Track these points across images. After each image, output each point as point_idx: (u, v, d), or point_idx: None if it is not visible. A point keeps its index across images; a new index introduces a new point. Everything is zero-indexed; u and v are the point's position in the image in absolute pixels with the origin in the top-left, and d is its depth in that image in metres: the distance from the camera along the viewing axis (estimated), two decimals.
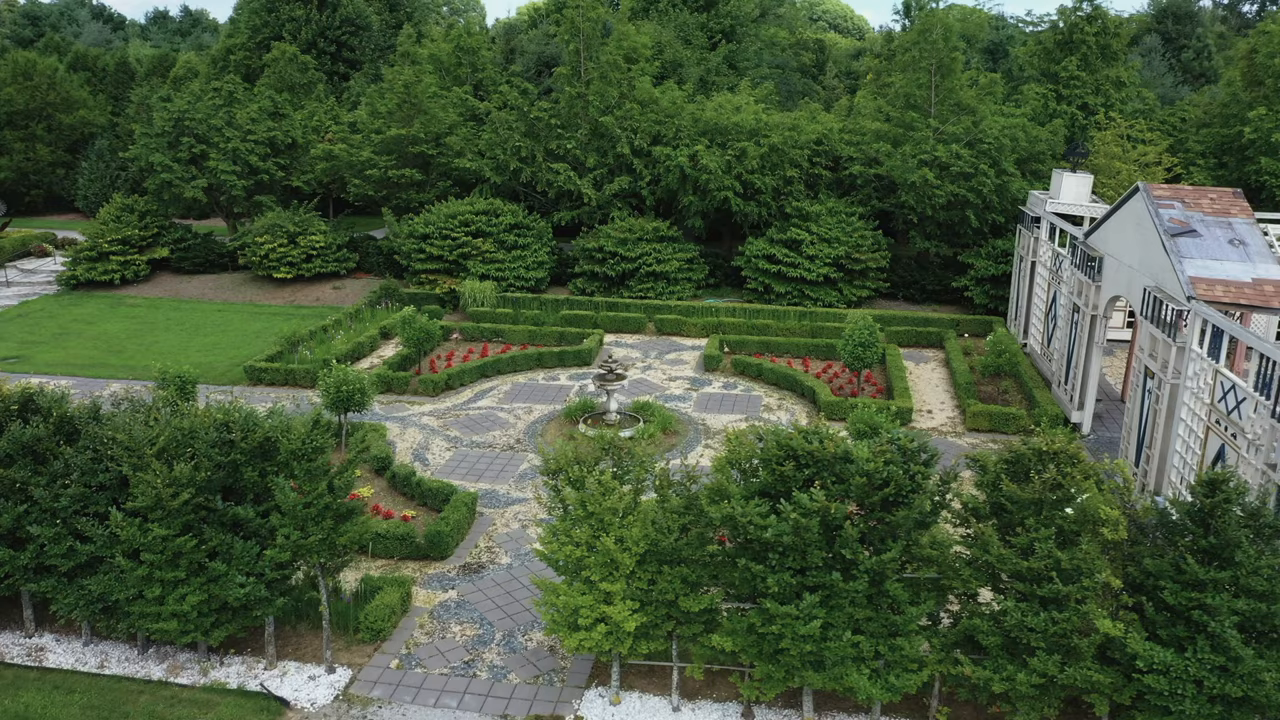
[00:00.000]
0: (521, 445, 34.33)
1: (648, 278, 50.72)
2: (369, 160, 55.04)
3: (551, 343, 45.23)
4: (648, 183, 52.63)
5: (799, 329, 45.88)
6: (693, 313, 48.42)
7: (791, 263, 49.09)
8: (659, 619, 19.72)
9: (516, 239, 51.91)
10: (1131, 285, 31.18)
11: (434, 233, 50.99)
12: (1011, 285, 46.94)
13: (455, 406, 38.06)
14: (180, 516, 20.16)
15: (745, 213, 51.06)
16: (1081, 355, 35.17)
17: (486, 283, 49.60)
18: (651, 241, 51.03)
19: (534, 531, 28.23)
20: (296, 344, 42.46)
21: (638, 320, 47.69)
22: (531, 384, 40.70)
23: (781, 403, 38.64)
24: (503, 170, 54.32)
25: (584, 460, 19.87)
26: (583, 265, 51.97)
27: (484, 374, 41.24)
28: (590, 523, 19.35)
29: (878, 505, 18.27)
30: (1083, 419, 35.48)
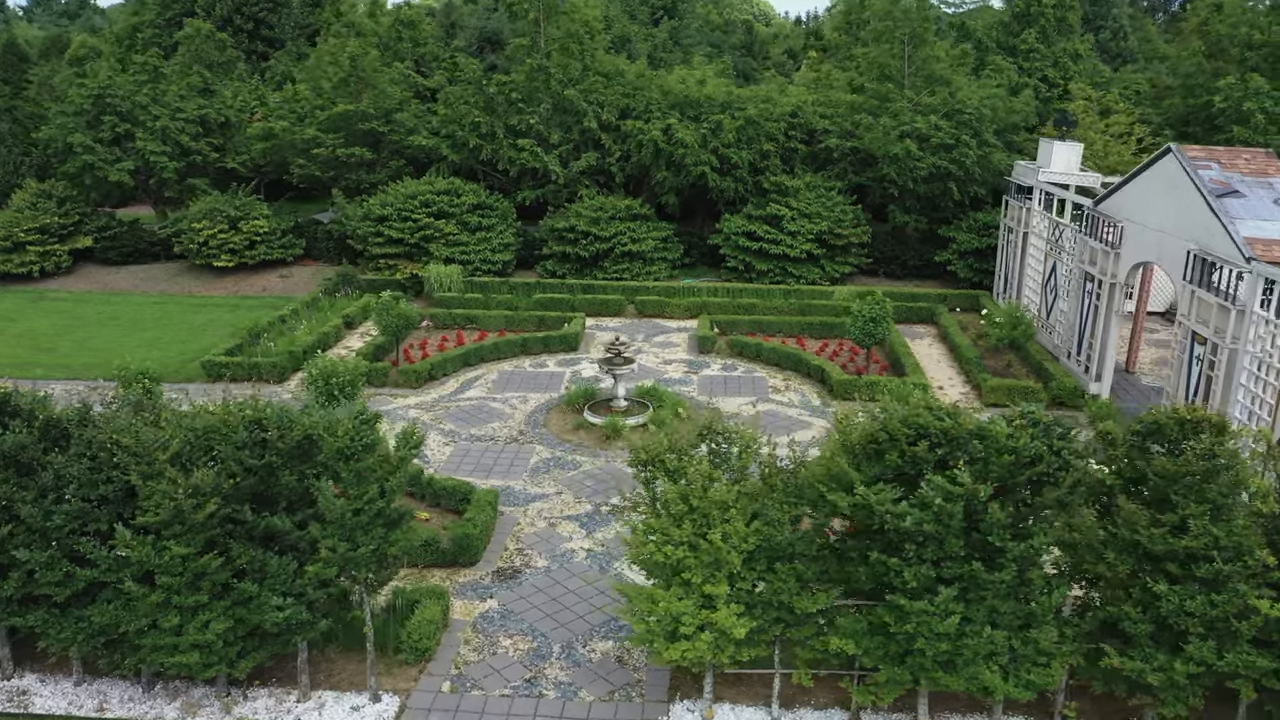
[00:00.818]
0: (525, 437, 31.74)
1: (623, 258, 48.36)
2: (315, 139, 51.25)
3: (530, 328, 42.57)
4: (617, 159, 50.22)
5: (786, 307, 44.20)
6: (675, 293, 46.29)
7: (773, 239, 47.34)
8: (768, 623, 17.61)
9: (480, 220, 48.93)
10: (1164, 250, 30.24)
11: (392, 214, 47.66)
12: (998, 258, 46.11)
13: (443, 398, 35.19)
14: (203, 531, 17.20)
15: (721, 189, 49.10)
16: (1099, 325, 34.27)
17: (452, 266, 46.56)
18: (624, 220, 48.68)
19: (564, 530, 25.79)
20: (258, 336, 38.88)
21: (617, 302, 45.35)
22: (519, 372, 38.04)
23: (788, 383, 36.85)
24: (461, 148, 51.21)
25: (680, 448, 17.59)
26: (552, 246, 49.31)
27: (467, 362, 38.41)
28: (692, 519, 17.11)
29: (1023, 485, 16.49)
30: (1100, 391, 34.60)
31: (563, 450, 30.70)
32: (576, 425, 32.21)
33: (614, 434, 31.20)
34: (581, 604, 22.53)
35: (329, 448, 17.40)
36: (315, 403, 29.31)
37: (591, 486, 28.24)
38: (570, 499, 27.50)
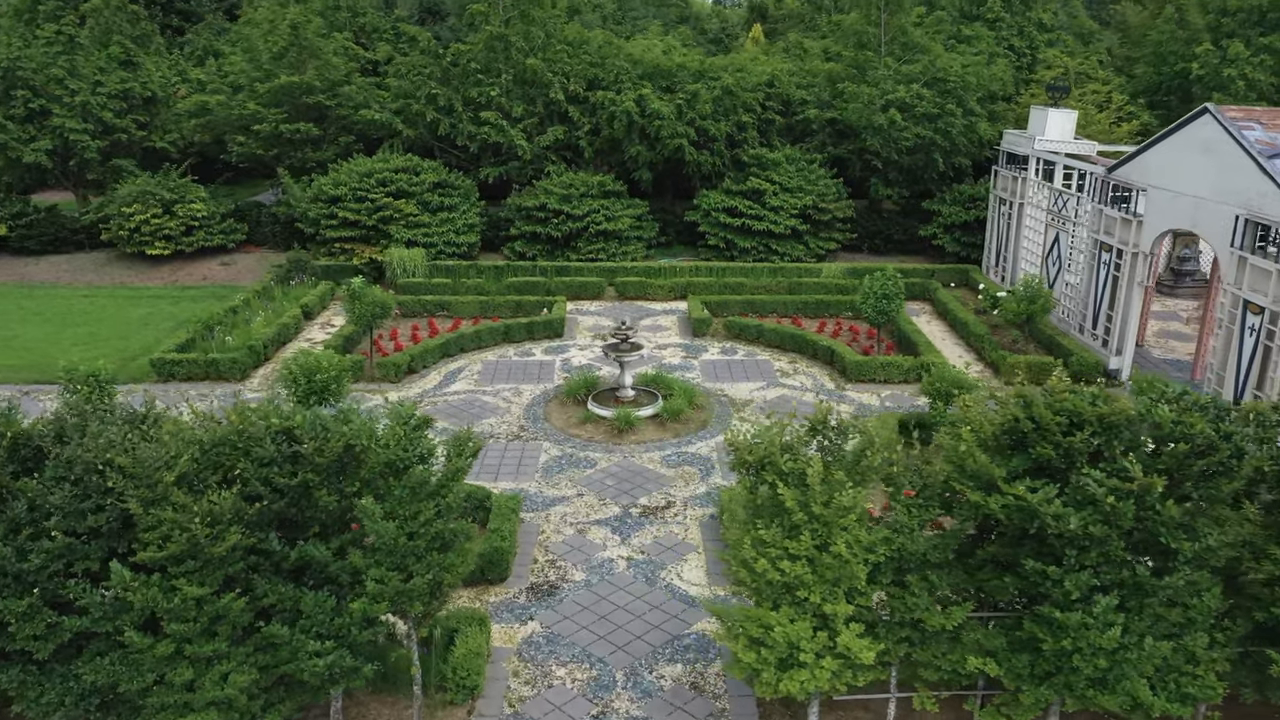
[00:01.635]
0: (529, 433, 28.92)
1: (597, 238, 45.56)
2: (255, 114, 47.10)
3: (507, 314, 39.58)
4: (586, 132, 47.30)
5: (775, 286, 42.04)
6: (657, 274, 43.73)
7: (755, 215, 45.08)
8: (894, 643, 15.31)
9: (442, 200, 45.56)
10: (1201, 216, 28.82)
11: (347, 195, 43.99)
12: (988, 230, 44.67)
13: (427, 393, 32.09)
14: (222, 567, 14.15)
15: (698, 163, 46.61)
16: (1120, 297, 32.86)
17: (415, 250, 43.19)
18: (597, 198, 45.86)
19: (596, 536, 23.14)
20: (211, 329, 35.10)
21: (596, 285, 42.60)
22: (505, 361, 35.10)
23: (795, 366, 34.68)
24: (416, 122, 47.68)
25: (793, 447, 15.12)
26: (520, 226, 46.23)
27: (446, 353, 35.29)
28: (811, 528, 14.67)
29: (1196, 477, 14.46)
30: (1122, 365, 33.26)
31: (572, 447, 28.00)
32: (583, 419, 29.50)
33: (627, 427, 28.62)
34: (636, 622, 19.96)
35: (374, 460, 14.49)
36: (294, 404, 26.06)
37: (614, 486, 25.62)
38: (594, 501, 24.85)
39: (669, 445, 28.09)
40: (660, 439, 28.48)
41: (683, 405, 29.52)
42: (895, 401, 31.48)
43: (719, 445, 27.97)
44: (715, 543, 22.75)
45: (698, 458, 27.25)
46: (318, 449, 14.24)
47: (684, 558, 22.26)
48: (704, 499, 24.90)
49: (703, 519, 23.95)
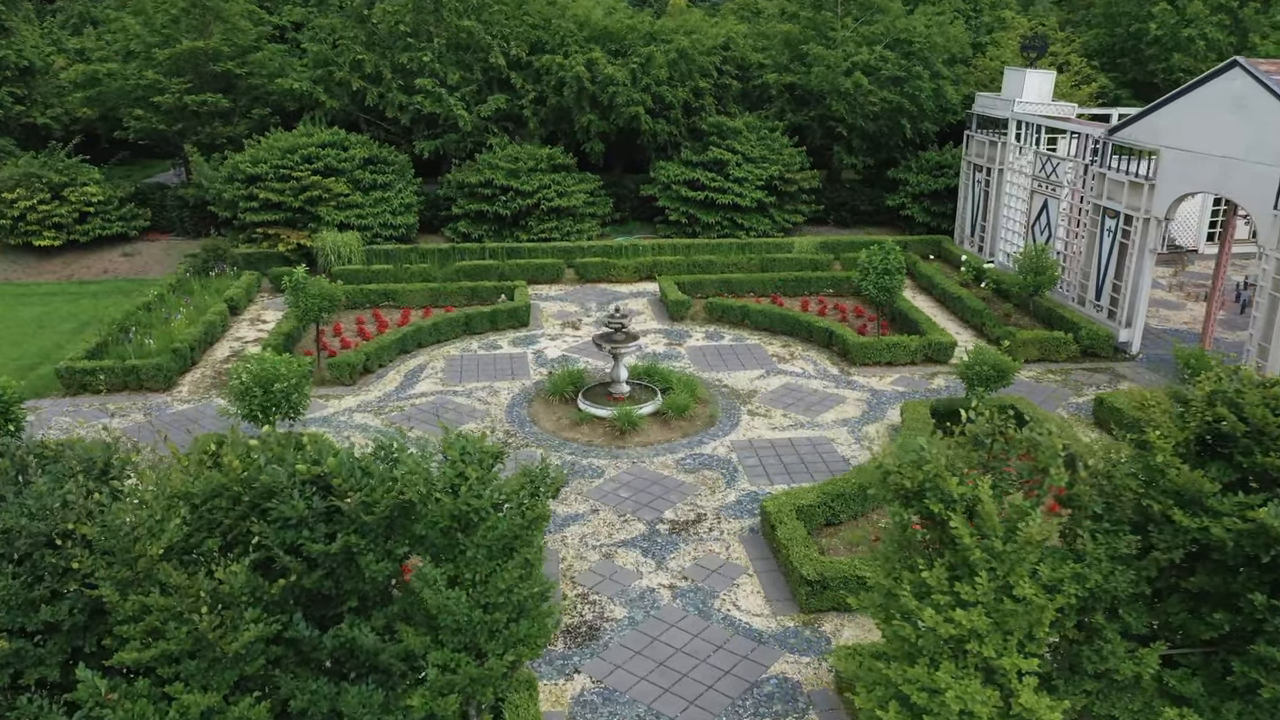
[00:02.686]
0: (518, 439, 25.42)
1: (549, 215, 41.91)
2: (155, 84, 41.74)
3: (461, 301, 35.75)
4: (531, 101, 43.46)
5: (746, 264, 39.22)
6: (619, 253, 40.41)
7: (719, 188, 42.12)
8: (1078, 696, 12.60)
9: (375, 177, 41.20)
10: (1231, 178, 27.04)
11: (268, 173, 39.26)
12: (960, 199, 42.71)
13: (389, 396, 28.20)
14: (236, 666, 10.51)
15: (654, 133, 43.36)
16: (1130, 266, 31.08)
17: (349, 233, 38.86)
18: (546, 172, 42.17)
19: (626, 561, 19.91)
20: (128, 331, 30.33)
21: (554, 267, 39.04)
22: (470, 356, 31.37)
23: (790, 351, 31.93)
24: (340, 92, 43.06)
25: (956, 466, 12.20)
26: (463, 205, 42.22)
27: (404, 349, 31.36)
28: (990, 568, 11.81)
29: None
30: (1132, 338, 31.56)
31: (571, 453, 24.65)
32: (576, 419, 26.14)
33: (629, 428, 25.40)
34: (701, 668, 16.87)
35: (436, 513, 11.00)
36: (247, 418, 22.04)
37: (631, 499, 22.41)
38: (613, 518, 21.59)
39: (680, 447, 25.00)
40: (668, 439, 25.36)
41: (688, 400, 26.43)
42: (906, 385, 29.06)
43: (735, 444, 25.02)
44: (764, 561, 19.81)
45: (716, 460, 24.25)
46: (365, 504, 10.66)
47: (735, 582, 19.25)
48: (737, 509, 21.92)
49: (742, 533, 20.97)
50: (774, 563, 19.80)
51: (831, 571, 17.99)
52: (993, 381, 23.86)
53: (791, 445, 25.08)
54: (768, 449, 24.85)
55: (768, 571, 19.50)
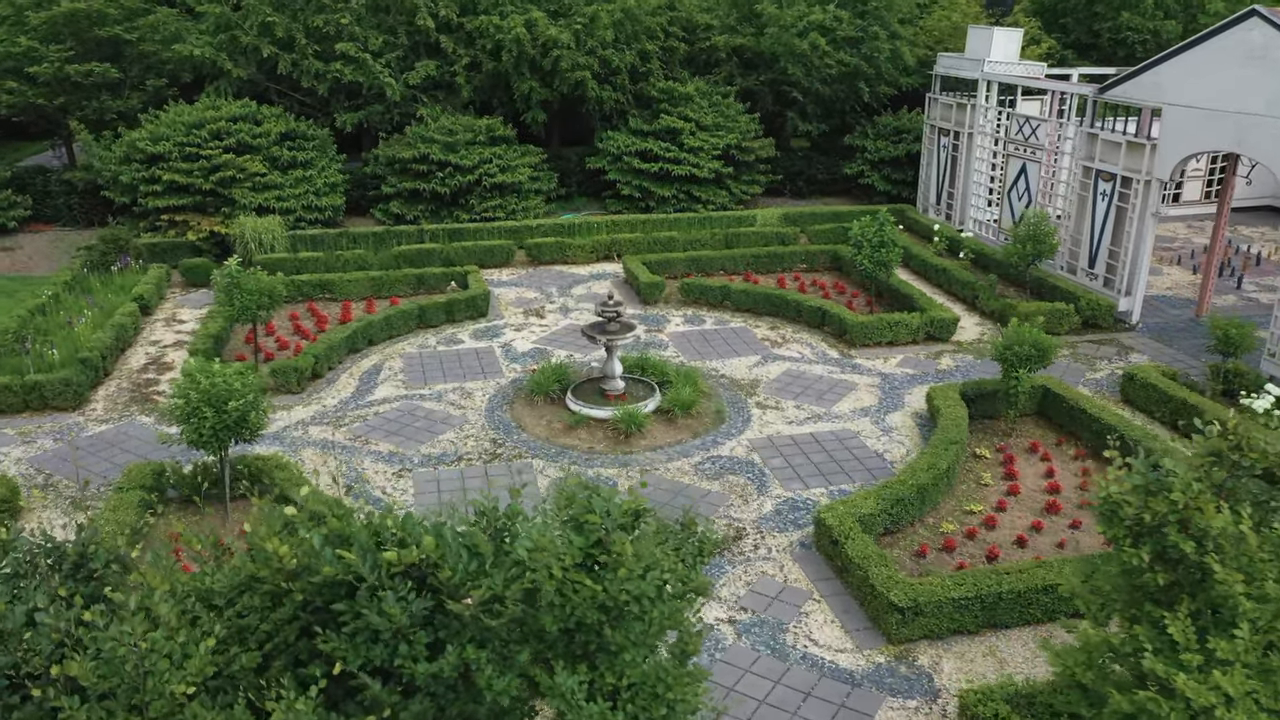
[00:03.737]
0: (507, 448, 22.22)
1: (492, 192, 38.33)
2: (30, 51, 36.36)
3: (408, 290, 32.10)
4: (464, 67, 39.65)
5: (710, 239, 36.56)
6: (574, 232, 37.19)
7: (674, 159, 39.23)
8: None
9: (294, 155, 36.88)
10: (1249, 135, 25.58)
11: (172, 152, 34.60)
12: (923, 165, 40.86)
13: (346, 404, 24.57)
14: None
15: (600, 100, 40.11)
16: (1129, 231, 29.59)
17: (270, 218, 34.58)
18: (486, 145, 38.55)
19: None
20: (25, 340, 25.76)
21: (503, 249, 35.59)
22: (430, 353, 27.88)
23: (780, 333, 29.44)
24: (247, 59, 38.43)
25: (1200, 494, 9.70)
26: (394, 183, 38.25)
27: (354, 348, 27.66)
28: (1251, 617, 9.42)
29: None
30: (1132, 307, 30.16)
31: (573, 462, 21.61)
32: (570, 422, 23.07)
33: (634, 430, 22.48)
34: None
35: (577, 602, 7.94)
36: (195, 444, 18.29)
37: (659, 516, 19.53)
38: None
39: (693, 449, 22.23)
40: (678, 441, 22.56)
41: (693, 395, 23.64)
42: (914, 367, 26.93)
43: (754, 443, 22.40)
44: (828, 583, 17.27)
45: (738, 462, 21.57)
46: (488, 602, 7.53)
47: (802, 611, 16.64)
48: (778, 520, 19.30)
49: (793, 549, 18.38)
50: (839, 584, 17.28)
51: (926, 596, 15.55)
52: (1034, 362, 21.80)
53: (816, 441, 22.59)
54: (791, 447, 22.31)
55: (836, 595, 16.97)
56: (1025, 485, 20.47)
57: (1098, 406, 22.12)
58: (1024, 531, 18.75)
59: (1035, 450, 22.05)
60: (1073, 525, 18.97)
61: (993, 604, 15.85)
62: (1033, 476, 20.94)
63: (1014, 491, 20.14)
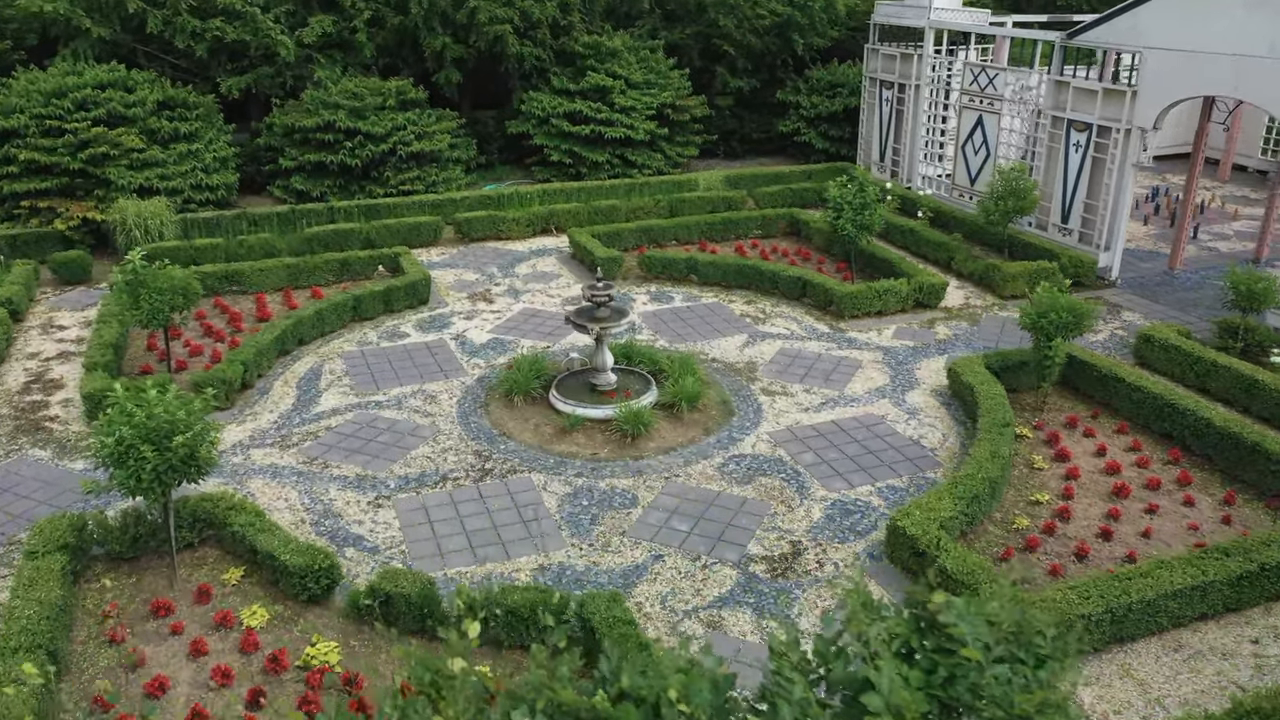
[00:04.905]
0: (497, 461, 19.02)
1: (408, 163, 34.35)
2: None
3: (330, 279, 28.16)
4: (365, 23, 35.28)
5: (654, 207, 33.74)
6: (506, 204, 33.69)
7: (606, 120, 36.06)
8: None
9: (176, 126, 32.00)
10: (1247, 79, 24.40)
11: (28, 126, 29.37)
12: (863, 121, 38.93)
13: (288, 419, 20.79)
14: None
15: (521, 57, 36.46)
16: (1109, 183, 28.32)
17: (155, 201, 29.81)
18: (397, 110, 34.47)
19: (743, 630, 14.45)
20: None
21: (430, 226, 31.83)
22: (373, 351, 24.21)
23: (759, 308, 26.96)
24: (109, 16, 33.11)
25: None
26: (294, 155, 33.82)
27: (284, 349, 23.73)
28: None
29: None
30: (1111, 263, 29.02)
31: (576, 474, 18.63)
32: (564, 426, 20.03)
33: (639, 431, 19.63)
34: None
35: None
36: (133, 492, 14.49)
37: (693, 532, 16.82)
38: (685, 564, 15.96)
39: (710, 448, 19.58)
40: (691, 440, 19.85)
41: (696, 386, 20.93)
42: (912, 338, 24.97)
43: (775, 436, 19.93)
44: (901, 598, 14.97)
45: (764, 461, 19.05)
46: None
47: None
48: (832, 528, 16.90)
49: (861, 562, 16.02)
50: None
51: (1056, 615, 13.39)
52: (1070, 330, 19.99)
53: (841, 430, 20.27)
54: (817, 438, 19.92)
55: None
56: (1082, 467, 18.68)
57: (1135, 374, 20.57)
58: (1103, 521, 16.92)
59: (1074, 425, 20.36)
60: (1149, 510, 17.26)
61: (1121, 616, 13.87)
62: (1084, 456, 19.19)
63: (1073, 475, 18.32)
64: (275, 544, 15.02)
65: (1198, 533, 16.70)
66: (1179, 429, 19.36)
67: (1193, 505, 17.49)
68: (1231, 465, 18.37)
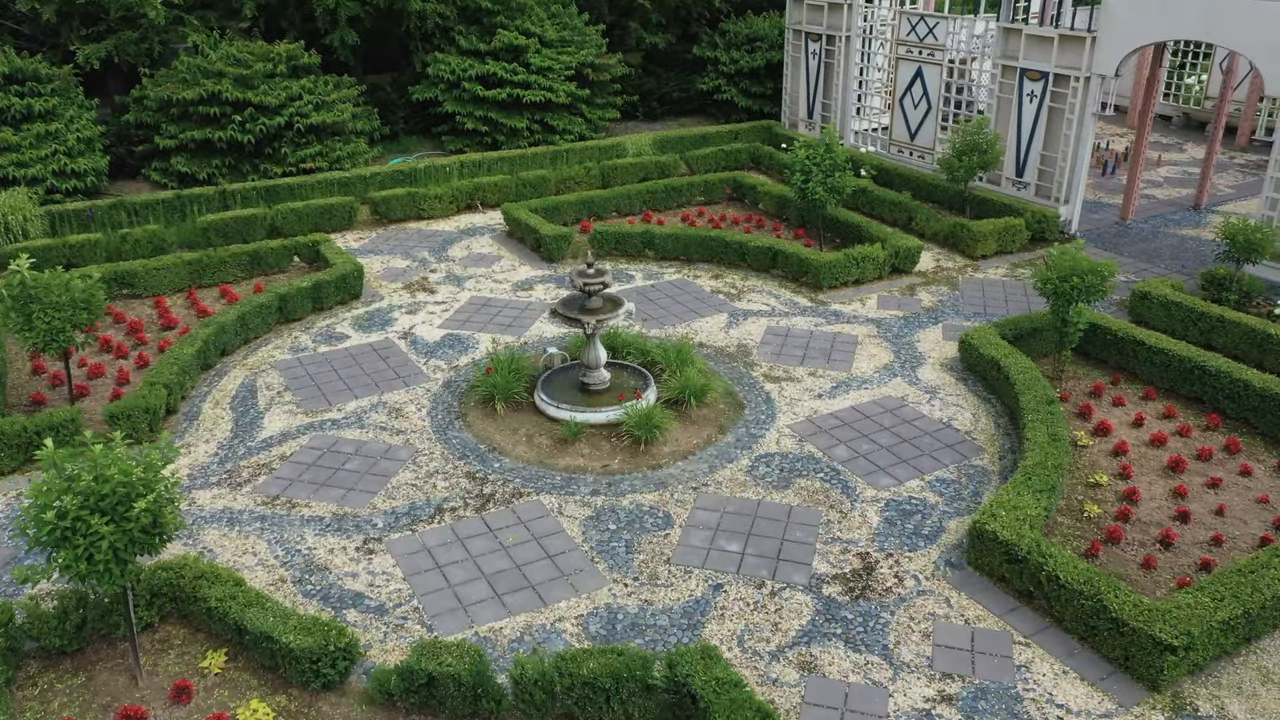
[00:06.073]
0: (497, 485, 16.41)
1: (308, 137, 30.53)
2: None
3: (239, 275, 24.50)
4: None
5: (587, 176, 31.15)
6: (425, 180, 30.36)
7: (523, 83, 33.01)
8: None
9: (29, 103, 27.34)
10: (1217, 20, 23.67)
11: None
12: (788, 76, 37.11)
13: (231, 451, 17.54)
14: None
15: (424, 15, 32.90)
16: (1069, 135, 27.42)
17: (13, 192, 25.38)
18: (289, 77, 30.55)
19: (841, 669, 12.54)
20: None
21: (343, 208, 28.30)
22: (311, 358, 20.96)
23: (728, 284, 24.92)
24: None
25: None
26: (173, 132, 29.52)
27: (206, 363, 20.25)
28: None
29: None
30: (1071, 216, 28.29)
31: (594, 493, 16.24)
32: (563, 435, 17.56)
33: (651, 436, 17.36)
34: None
35: None
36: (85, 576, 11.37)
37: (748, 555, 14.74)
38: (750, 592, 13.87)
39: (732, 449, 17.51)
40: (707, 441, 17.73)
41: (701, 378, 18.77)
42: (899, 307, 23.49)
43: (797, 430, 18.04)
44: (1018, 613, 13.39)
45: (797, 460, 17.12)
46: None
47: (1017, 662, 12.64)
48: (896, 533, 15.14)
49: (941, 571, 14.32)
50: (1032, 614, 13.42)
51: (1194, 624, 12.03)
52: (1095, 294, 18.77)
53: (865, 417, 18.54)
54: (842, 429, 18.13)
55: (1041, 632, 13.12)
56: (1126, 440, 17.52)
57: (1156, 337, 19.57)
58: (1172, 501, 15.79)
59: (1100, 394, 19.25)
60: (1211, 484, 16.22)
61: (1255, 616, 12.64)
62: (1124, 428, 18.08)
63: (1122, 450, 17.14)
64: (270, 621, 12.16)
65: (1269, 505, 15.74)
66: (1210, 392, 18.45)
67: (1251, 475, 16.56)
68: (1273, 427, 17.55)
